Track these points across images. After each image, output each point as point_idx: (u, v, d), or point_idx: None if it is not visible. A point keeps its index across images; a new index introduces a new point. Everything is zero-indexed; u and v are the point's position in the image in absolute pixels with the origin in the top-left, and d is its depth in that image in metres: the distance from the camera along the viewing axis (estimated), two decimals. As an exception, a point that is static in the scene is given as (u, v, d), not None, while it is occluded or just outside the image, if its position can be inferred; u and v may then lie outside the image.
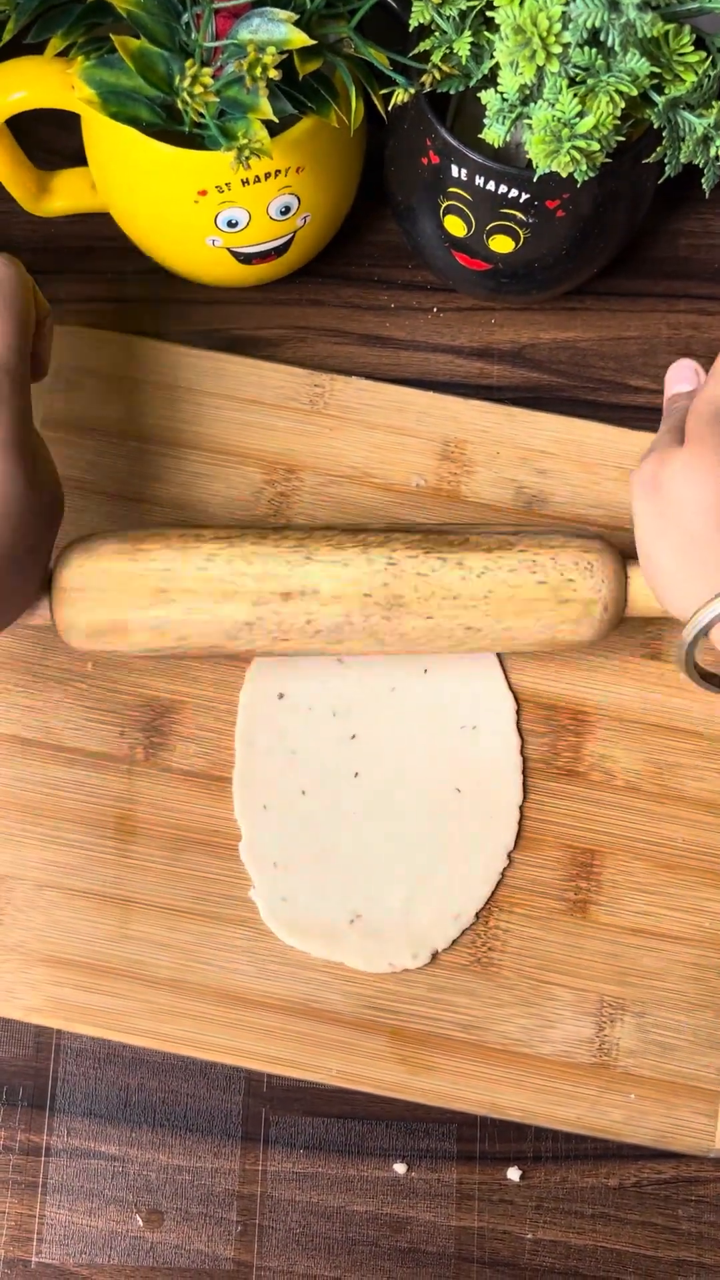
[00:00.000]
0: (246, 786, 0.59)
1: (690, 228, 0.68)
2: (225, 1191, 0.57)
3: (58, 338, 0.64)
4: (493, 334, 0.66)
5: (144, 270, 0.65)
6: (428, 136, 0.57)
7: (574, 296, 0.67)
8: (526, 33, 0.49)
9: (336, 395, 0.64)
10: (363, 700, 0.60)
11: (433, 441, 0.63)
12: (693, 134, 0.53)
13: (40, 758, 0.59)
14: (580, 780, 0.60)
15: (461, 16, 0.53)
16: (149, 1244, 0.56)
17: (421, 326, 0.66)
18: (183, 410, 0.63)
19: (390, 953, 0.58)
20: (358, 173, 0.62)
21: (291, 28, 0.50)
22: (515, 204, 0.57)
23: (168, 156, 0.55)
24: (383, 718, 0.60)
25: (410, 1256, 0.57)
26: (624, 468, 0.63)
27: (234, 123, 0.52)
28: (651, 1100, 0.57)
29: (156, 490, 0.62)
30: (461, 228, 0.59)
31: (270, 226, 0.59)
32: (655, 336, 0.67)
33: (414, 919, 0.58)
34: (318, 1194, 0.57)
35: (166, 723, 0.60)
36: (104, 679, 0.60)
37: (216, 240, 0.59)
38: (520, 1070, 0.57)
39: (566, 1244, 0.57)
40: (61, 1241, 0.56)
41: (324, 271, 0.66)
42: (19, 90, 0.55)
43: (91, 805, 0.59)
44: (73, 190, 0.63)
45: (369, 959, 0.57)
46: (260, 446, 0.63)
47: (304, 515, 0.62)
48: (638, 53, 0.50)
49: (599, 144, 0.51)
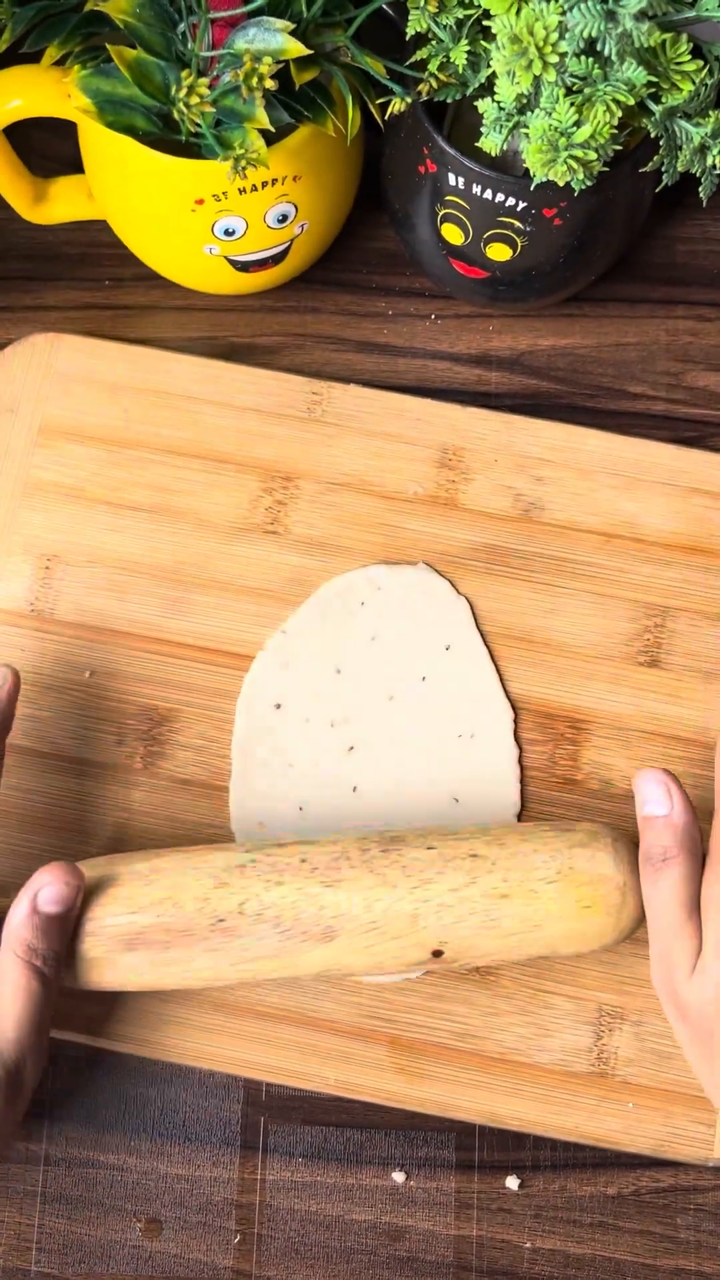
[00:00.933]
0: (242, 801, 0.59)
1: (688, 234, 0.68)
2: (224, 1200, 0.57)
3: (56, 345, 0.63)
4: (491, 341, 0.66)
5: (141, 278, 0.65)
6: (425, 145, 0.57)
7: (572, 303, 0.66)
8: (523, 42, 0.49)
9: (334, 403, 0.64)
10: (360, 710, 0.60)
11: (430, 449, 0.63)
12: (690, 143, 0.53)
13: (38, 766, 0.59)
14: (578, 788, 0.60)
15: (458, 25, 0.53)
16: (147, 1253, 0.56)
17: (419, 334, 0.66)
18: (180, 418, 0.63)
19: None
20: (355, 181, 0.62)
21: (288, 37, 0.50)
22: (512, 212, 0.57)
23: (164, 165, 0.55)
24: (380, 727, 0.60)
25: (409, 1265, 0.56)
26: (622, 474, 0.63)
27: (230, 132, 0.52)
28: (650, 1109, 0.57)
29: (153, 500, 0.62)
30: (459, 236, 0.59)
31: (267, 235, 0.59)
32: (654, 343, 0.66)
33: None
34: (316, 1203, 0.57)
35: (165, 731, 0.60)
36: (102, 687, 0.60)
37: (214, 248, 0.59)
38: (518, 1079, 0.57)
39: (565, 1253, 0.57)
40: (59, 1251, 0.56)
41: (321, 279, 0.66)
42: (16, 98, 0.55)
43: (89, 814, 0.59)
44: (70, 198, 0.63)
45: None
46: (258, 454, 0.63)
47: (302, 523, 0.62)
48: (635, 62, 0.50)
49: (596, 153, 0.51)
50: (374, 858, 0.53)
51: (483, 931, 0.53)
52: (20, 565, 0.61)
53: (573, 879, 0.53)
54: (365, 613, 0.60)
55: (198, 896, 0.52)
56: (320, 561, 0.62)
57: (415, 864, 0.53)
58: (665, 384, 0.66)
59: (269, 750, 0.59)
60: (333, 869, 0.53)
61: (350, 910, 0.52)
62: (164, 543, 0.62)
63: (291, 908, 0.52)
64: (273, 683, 0.60)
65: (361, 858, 0.53)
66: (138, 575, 0.61)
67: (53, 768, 0.59)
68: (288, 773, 0.59)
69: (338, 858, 0.53)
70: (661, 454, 0.64)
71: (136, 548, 0.62)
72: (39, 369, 0.63)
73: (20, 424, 0.63)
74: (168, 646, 0.61)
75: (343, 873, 0.53)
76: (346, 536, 0.62)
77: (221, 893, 0.52)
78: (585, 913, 0.53)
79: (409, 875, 0.53)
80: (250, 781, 0.59)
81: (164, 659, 0.61)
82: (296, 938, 0.52)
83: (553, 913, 0.53)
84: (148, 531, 0.62)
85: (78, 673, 0.60)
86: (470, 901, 0.52)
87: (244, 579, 0.62)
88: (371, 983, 0.58)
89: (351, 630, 0.60)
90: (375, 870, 0.53)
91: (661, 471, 0.63)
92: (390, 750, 0.59)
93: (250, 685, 0.60)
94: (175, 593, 0.61)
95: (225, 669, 0.60)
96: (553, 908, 0.53)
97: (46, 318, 0.66)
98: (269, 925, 0.52)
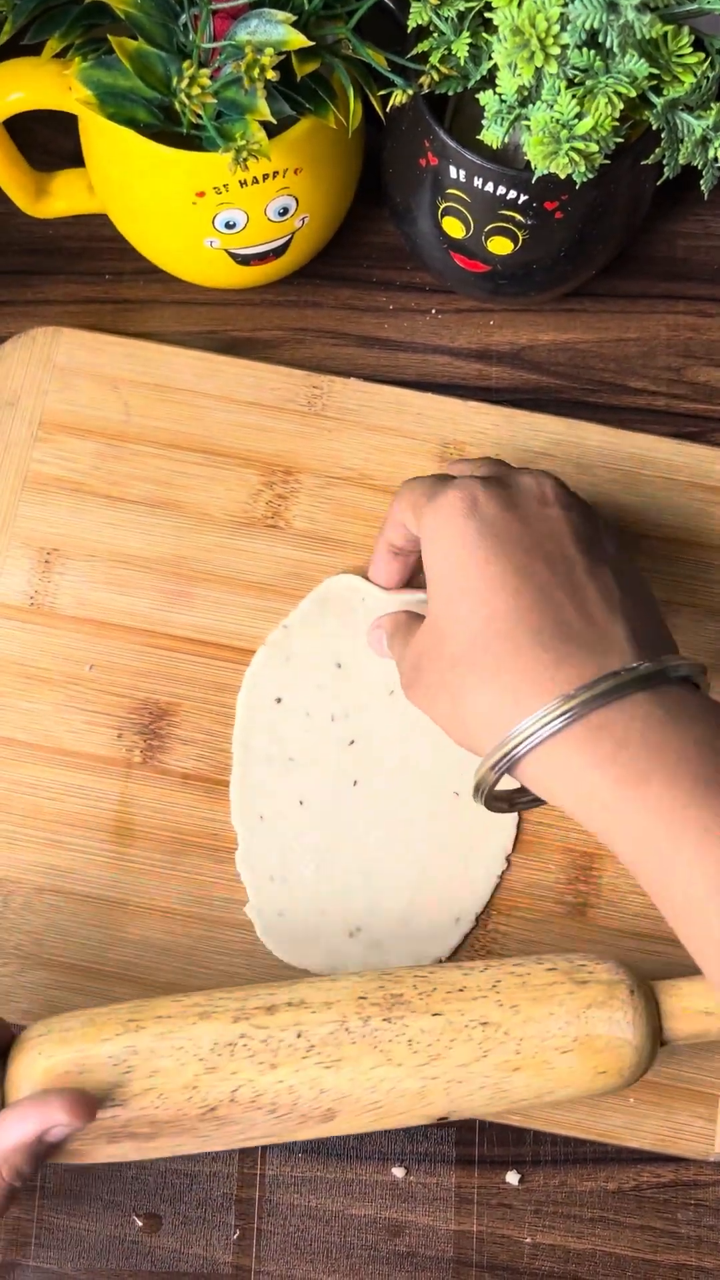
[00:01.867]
0: (243, 795, 0.59)
1: (689, 229, 0.68)
2: (223, 1195, 0.57)
3: (56, 339, 0.63)
4: (491, 335, 0.66)
5: (142, 272, 0.65)
6: (426, 138, 0.57)
7: (573, 298, 0.66)
8: (525, 34, 0.49)
9: (335, 397, 0.64)
10: (361, 704, 0.60)
11: (431, 443, 0.63)
12: (691, 135, 0.53)
13: (38, 760, 0.59)
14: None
15: (460, 18, 0.53)
16: (147, 1248, 0.56)
17: (420, 328, 0.66)
18: (180, 412, 0.63)
19: (393, 965, 0.57)
20: (356, 174, 0.62)
21: (289, 29, 0.50)
22: (514, 205, 0.57)
23: (165, 158, 0.55)
24: (381, 721, 0.59)
25: (409, 1260, 0.56)
26: (623, 469, 0.63)
27: (232, 124, 0.52)
28: (651, 1104, 0.57)
29: (153, 494, 0.62)
30: (460, 229, 0.59)
31: (268, 228, 0.59)
32: (654, 338, 0.66)
33: (414, 926, 0.58)
34: (316, 1198, 0.57)
35: (164, 725, 0.60)
36: (101, 681, 0.60)
37: (214, 241, 0.59)
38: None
39: (565, 1248, 0.57)
40: (59, 1246, 0.56)
41: (322, 273, 0.66)
42: (16, 91, 0.55)
43: (89, 808, 0.59)
44: (70, 191, 0.63)
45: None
46: (258, 448, 0.63)
47: (302, 517, 0.62)
48: (636, 54, 0.50)
49: (597, 145, 0.51)
50: (376, 1029, 0.49)
51: (492, 1101, 0.50)
52: (20, 559, 0.61)
53: (589, 1046, 0.49)
54: (366, 608, 0.60)
55: (184, 1084, 0.48)
56: (321, 555, 0.62)
57: (422, 1037, 0.49)
58: (666, 379, 0.66)
59: (269, 744, 0.59)
60: (331, 1045, 0.48)
61: (352, 1093, 0.48)
62: (164, 536, 0.62)
63: (289, 1093, 0.48)
64: (273, 677, 0.60)
65: (362, 1029, 0.49)
66: (138, 569, 0.61)
67: (53, 761, 0.59)
68: (288, 766, 0.59)
69: (336, 1029, 0.49)
70: (662, 449, 0.63)
71: (137, 541, 0.62)
72: (39, 363, 0.63)
73: (21, 418, 0.63)
74: (168, 640, 0.61)
75: (343, 1049, 0.48)
76: (347, 530, 0.62)
77: (210, 1079, 0.48)
78: (599, 1079, 0.50)
79: (415, 1052, 0.48)
80: (250, 775, 0.59)
81: (164, 653, 0.61)
82: (293, 1121, 0.48)
83: (565, 1081, 0.50)
84: (148, 525, 0.62)
85: (78, 667, 0.60)
86: (481, 1076, 0.49)
87: (245, 573, 0.61)
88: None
89: (352, 625, 0.60)
90: (379, 1046, 0.48)
91: (662, 466, 0.63)
92: (390, 744, 0.59)
93: (251, 679, 0.60)
94: (176, 586, 0.61)
95: (226, 663, 0.60)
96: (566, 1077, 0.49)
97: (47, 312, 0.66)
98: (263, 1112, 0.48)
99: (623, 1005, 0.50)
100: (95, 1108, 0.47)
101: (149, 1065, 0.48)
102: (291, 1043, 0.48)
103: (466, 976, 0.50)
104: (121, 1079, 0.48)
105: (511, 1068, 0.49)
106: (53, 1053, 0.48)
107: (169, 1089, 0.48)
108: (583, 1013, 0.49)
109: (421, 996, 0.49)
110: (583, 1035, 0.49)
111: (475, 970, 0.50)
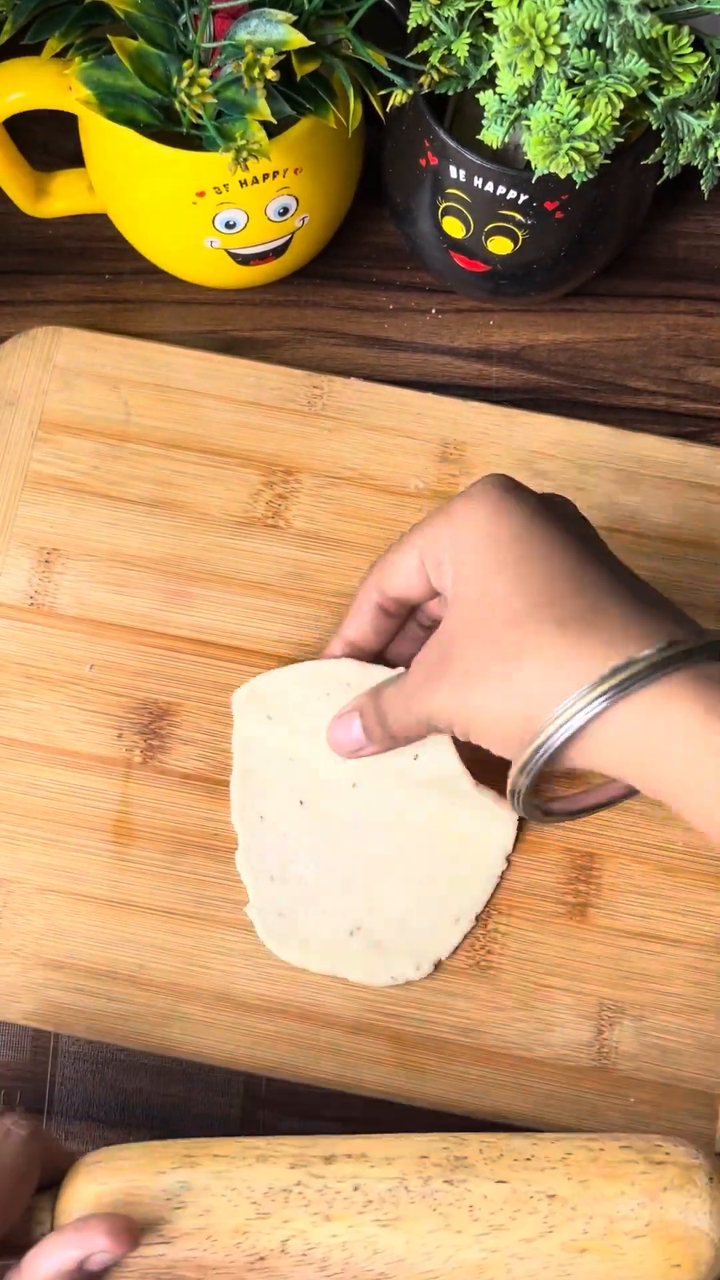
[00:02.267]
0: (243, 795, 0.59)
1: (689, 229, 0.68)
2: None
3: (56, 339, 0.63)
4: (491, 335, 0.66)
5: (141, 272, 0.65)
6: (426, 138, 0.57)
7: (573, 298, 0.66)
8: (525, 34, 0.49)
9: (335, 397, 0.64)
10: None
11: (431, 443, 0.63)
12: (691, 135, 0.53)
13: (38, 760, 0.59)
14: (579, 783, 0.60)
15: (460, 18, 0.53)
16: (147, 1248, 0.56)
17: (420, 328, 0.66)
18: (180, 412, 0.63)
19: (393, 965, 0.57)
20: (356, 174, 0.62)
21: (289, 28, 0.50)
22: (514, 205, 0.57)
23: (165, 157, 0.55)
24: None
25: (409, 1261, 0.56)
26: (624, 469, 0.63)
27: (232, 124, 0.52)
28: (650, 1104, 0.57)
29: (153, 493, 0.62)
30: (460, 229, 0.59)
31: (268, 227, 0.59)
32: (655, 338, 0.66)
33: (414, 926, 0.58)
34: None
35: (164, 725, 0.60)
36: (101, 681, 0.60)
37: (214, 241, 0.59)
38: (519, 1074, 0.57)
39: (566, 1248, 0.57)
40: (59, 1246, 0.56)
41: (322, 273, 0.66)
42: (16, 91, 0.55)
43: (90, 808, 0.59)
44: (70, 191, 0.63)
45: (371, 972, 0.57)
46: (258, 448, 0.63)
47: (303, 517, 0.62)
48: (636, 54, 0.50)
49: (597, 145, 0.51)
50: (437, 1190, 0.46)
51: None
52: (20, 559, 0.61)
53: (663, 1233, 0.45)
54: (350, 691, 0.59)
55: (235, 1228, 0.45)
56: (321, 555, 0.62)
57: (484, 1204, 0.46)
58: (666, 379, 0.66)
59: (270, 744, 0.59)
60: (389, 1203, 0.46)
61: (408, 1257, 0.45)
62: (164, 536, 0.62)
63: (342, 1249, 0.45)
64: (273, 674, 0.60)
65: (423, 1189, 0.46)
66: (138, 569, 0.61)
67: (53, 761, 0.59)
68: (289, 767, 0.59)
69: (395, 1186, 0.46)
70: (663, 449, 0.63)
71: (137, 541, 0.62)
72: (39, 363, 0.63)
73: (20, 417, 0.63)
74: (168, 640, 0.61)
75: (401, 1208, 0.45)
76: (347, 530, 0.62)
77: (262, 1225, 0.45)
78: (672, 1271, 0.45)
79: (476, 1220, 0.45)
80: (251, 775, 0.59)
81: (165, 653, 0.61)
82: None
83: (635, 1269, 0.45)
84: (148, 525, 0.62)
85: (78, 666, 0.60)
86: (545, 1255, 0.45)
87: (245, 573, 0.62)
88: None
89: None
90: (438, 1209, 0.45)
91: (662, 466, 0.63)
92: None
93: (252, 679, 0.60)
94: (175, 586, 0.61)
95: (226, 663, 0.60)
96: (637, 1266, 0.45)
97: (47, 311, 0.66)
98: (314, 1268, 0.45)
99: (700, 1191, 0.46)
100: (137, 1235, 0.44)
101: (201, 1203, 0.46)
102: (348, 1195, 0.46)
103: (535, 1146, 0.47)
104: (172, 1215, 0.46)
105: (578, 1248, 0.45)
106: (105, 1180, 0.46)
107: (219, 1231, 0.46)
108: (657, 1194, 0.45)
109: (487, 1162, 0.47)
110: (657, 1220, 0.45)
111: (545, 1140, 0.47)
